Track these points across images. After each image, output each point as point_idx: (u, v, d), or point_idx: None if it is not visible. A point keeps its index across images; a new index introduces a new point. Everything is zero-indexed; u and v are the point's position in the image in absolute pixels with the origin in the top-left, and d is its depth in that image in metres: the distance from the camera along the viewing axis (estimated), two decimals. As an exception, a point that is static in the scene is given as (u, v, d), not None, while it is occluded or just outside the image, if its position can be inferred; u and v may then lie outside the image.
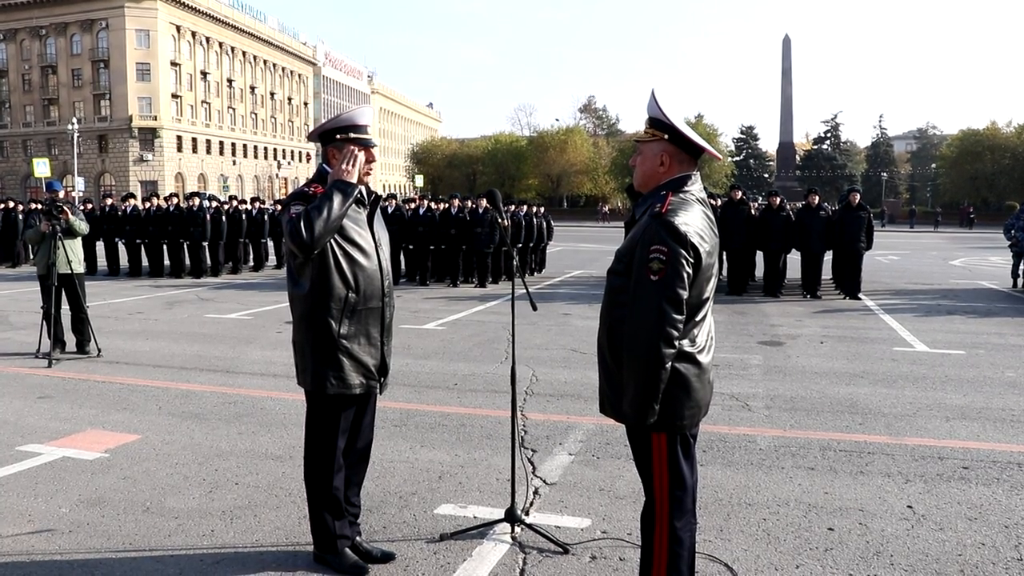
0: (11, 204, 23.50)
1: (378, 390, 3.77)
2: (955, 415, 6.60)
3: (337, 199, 3.40)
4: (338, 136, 3.61)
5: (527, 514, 4.38)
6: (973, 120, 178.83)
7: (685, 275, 2.73)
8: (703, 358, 2.91)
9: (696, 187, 2.97)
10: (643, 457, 3.01)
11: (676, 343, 2.77)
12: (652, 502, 3.03)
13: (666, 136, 2.95)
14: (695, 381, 2.89)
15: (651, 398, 2.79)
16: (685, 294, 2.74)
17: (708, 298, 2.92)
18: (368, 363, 3.64)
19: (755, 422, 6.40)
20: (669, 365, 2.78)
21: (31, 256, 20.48)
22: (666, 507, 2.99)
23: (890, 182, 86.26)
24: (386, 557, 3.87)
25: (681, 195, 2.89)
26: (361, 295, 3.57)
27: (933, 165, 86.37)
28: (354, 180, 3.49)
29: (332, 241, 3.47)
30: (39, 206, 14.81)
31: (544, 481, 5.01)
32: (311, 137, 3.87)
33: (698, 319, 2.88)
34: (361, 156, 3.57)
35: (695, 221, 2.83)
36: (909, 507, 4.58)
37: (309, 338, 3.58)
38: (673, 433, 2.94)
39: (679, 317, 2.74)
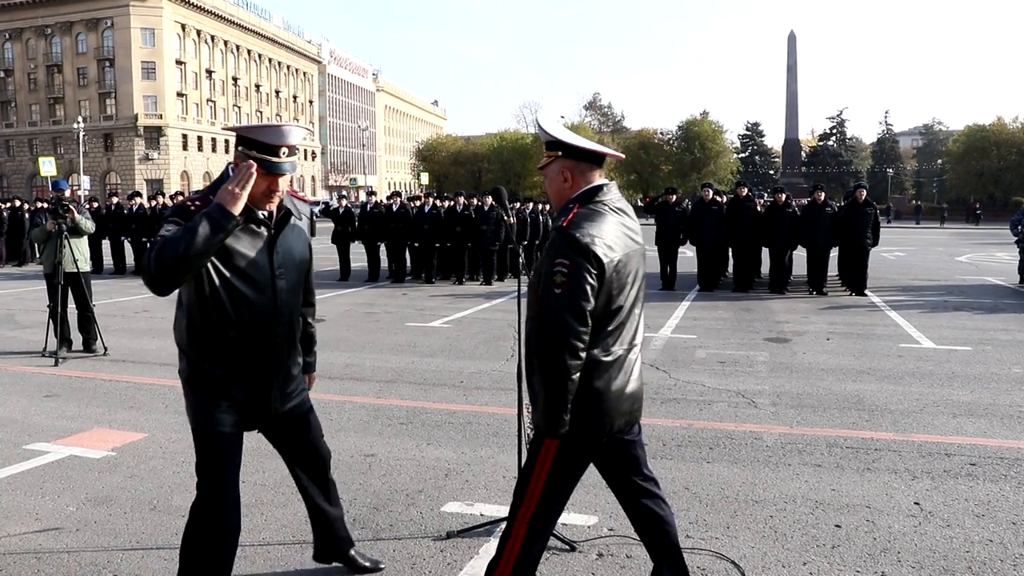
0: (17, 203, 23.59)
1: (256, 430, 3.27)
2: (962, 411, 6.58)
3: (203, 232, 2.74)
4: (240, 148, 3.01)
5: (533, 512, 4.37)
6: (979, 116, 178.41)
7: (588, 287, 2.73)
8: (616, 368, 2.90)
9: (611, 196, 2.95)
10: (531, 456, 2.99)
11: (582, 354, 2.76)
12: (519, 503, 2.99)
13: (560, 153, 2.97)
14: (604, 391, 2.87)
15: (560, 409, 2.78)
16: (589, 305, 2.74)
17: (623, 306, 2.89)
18: (249, 407, 3.12)
19: (761, 419, 6.39)
20: (576, 376, 2.77)
21: (37, 255, 20.50)
22: (532, 511, 2.96)
23: (896, 178, 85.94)
24: (374, 566, 3.76)
25: (591, 206, 2.89)
26: (245, 334, 3.03)
27: (939, 161, 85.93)
28: (236, 208, 2.81)
29: (211, 269, 2.93)
30: (45, 205, 14.84)
31: (550, 478, 4.99)
32: (229, 129, 3.34)
33: (611, 328, 2.87)
34: (261, 182, 2.96)
35: (605, 231, 2.82)
36: (916, 504, 4.57)
37: (185, 373, 3.11)
38: (566, 442, 2.90)
39: (583, 329, 2.74)
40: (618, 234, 2.87)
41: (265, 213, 3.05)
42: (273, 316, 3.08)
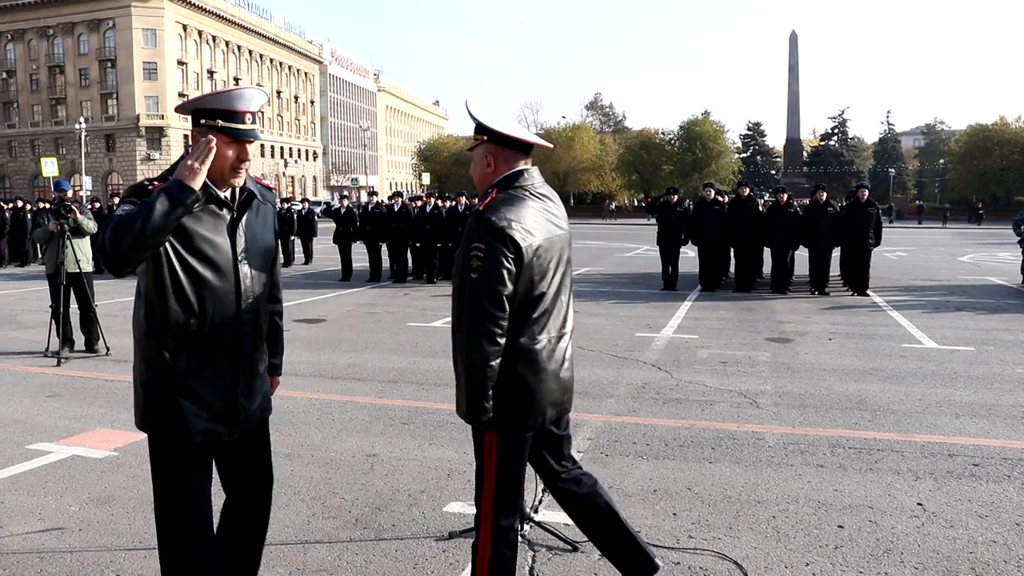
0: (19, 203, 23.62)
1: (226, 438, 2.90)
2: (965, 412, 6.58)
3: (160, 208, 2.56)
4: (202, 121, 2.78)
5: (536, 512, 4.37)
6: (982, 115, 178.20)
7: (505, 271, 2.72)
8: (544, 356, 2.89)
9: (532, 181, 2.95)
10: (477, 455, 3.00)
11: (499, 340, 2.75)
12: (479, 506, 3.00)
13: (486, 138, 2.97)
14: (533, 380, 2.87)
15: (480, 396, 2.77)
16: (506, 290, 2.73)
17: (547, 293, 2.88)
18: (214, 405, 2.84)
19: (763, 419, 6.38)
20: (495, 363, 2.77)
21: (39, 255, 20.51)
22: (491, 508, 2.96)
23: (898, 178, 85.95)
24: None
25: (511, 191, 2.89)
26: (207, 321, 2.80)
27: (941, 161, 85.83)
28: (195, 183, 2.64)
29: (170, 251, 2.73)
30: (47, 205, 14.85)
31: (552, 479, 4.99)
32: (179, 109, 2.94)
33: (536, 315, 2.86)
34: (226, 152, 2.78)
35: (524, 216, 2.82)
36: (919, 504, 4.56)
37: (140, 369, 2.87)
38: (505, 434, 2.91)
39: (500, 314, 2.73)
40: (539, 219, 2.87)
41: (227, 194, 2.87)
42: (236, 302, 2.86)
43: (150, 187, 2.73)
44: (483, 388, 2.77)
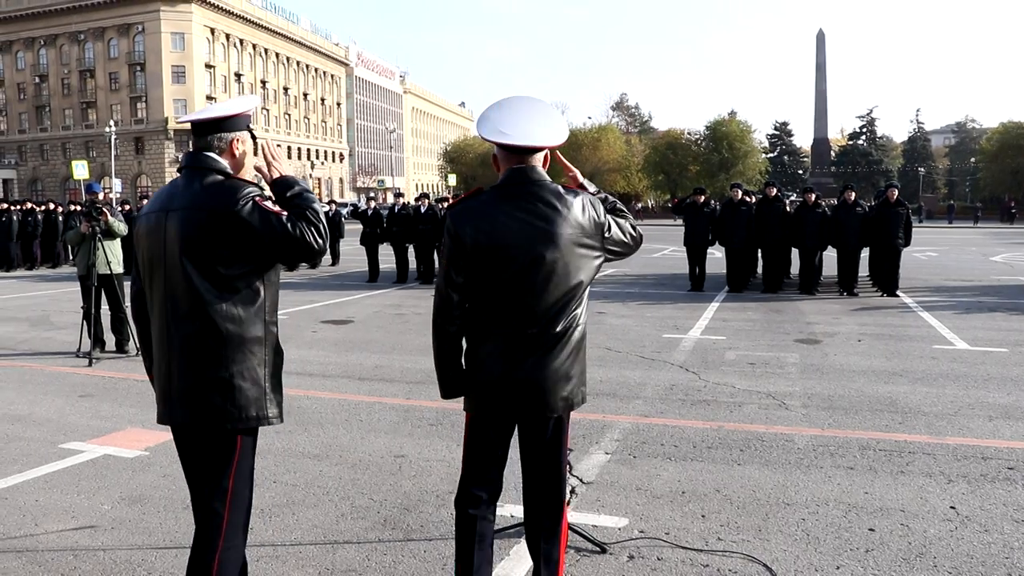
0: (51, 206, 23.93)
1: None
2: (999, 414, 6.48)
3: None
4: (250, 127, 3.00)
5: (564, 513, 4.36)
6: (1014, 112, 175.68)
7: (456, 264, 2.93)
8: (497, 351, 2.94)
9: (516, 180, 2.95)
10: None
11: (448, 327, 2.99)
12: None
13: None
14: (485, 372, 2.96)
15: (440, 374, 3.06)
16: (458, 280, 2.93)
17: (505, 289, 2.89)
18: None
19: (792, 421, 6.33)
20: (447, 346, 3.02)
21: (71, 257, 20.80)
22: (461, 475, 3.13)
23: (927, 177, 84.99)
24: None
25: (491, 190, 3.01)
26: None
27: (972, 159, 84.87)
28: None
29: None
30: (78, 208, 15.03)
31: (581, 480, 4.99)
32: (243, 125, 2.97)
33: (492, 310, 2.93)
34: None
35: (486, 213, 2.91)
36: (952, 508, 4.51)
37: (269, 360, 2.87)
38: (471, 418, 3.08)
39: (450, 302, 2.96)
40: (504, 218, 2.89)
41: None
42: None
43: (262, 190, 2.85)
44: (442, 367, 3.06)
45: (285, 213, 2.77)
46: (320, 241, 2.78)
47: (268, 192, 2.85)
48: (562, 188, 2.99)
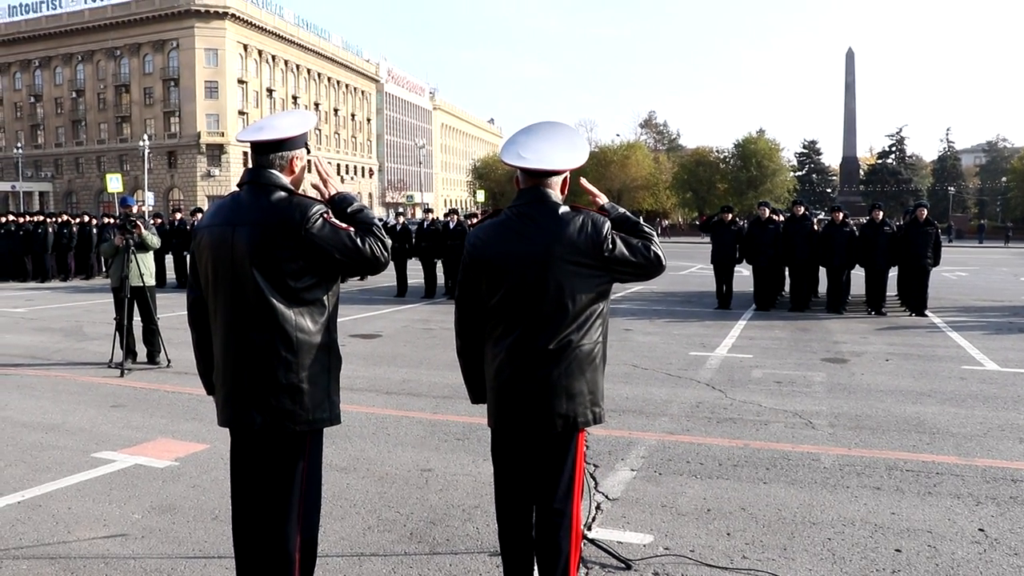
0: (85, 218, 24.33)
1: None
2: (1029, 436, 6.41)
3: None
4: (308, 145, 3.14)
5: (589, 529, 4.38)
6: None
7: (468, 280, 3.13)
8: (500, 362, 3.07)
9: (521, 201, 3.08)
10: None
11: (462, 338, 3.24)
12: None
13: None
14: (492, 383, 3.13)
15: (465, 381, 3.34)
16: (470, 295, 3.13)
17: (508, 304, 3.02)
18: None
19: (819, 440, 6.30)
20: (463, 356, 3.28)
21: (104, 269, 21.12)
22: (495, 494, 3.29)
23: (958, 196, 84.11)
24: None
25: (505, 209, 3.16)
26: None
27: (1003, 179, 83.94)
28: None
29: None
30: (112, 220, 15.27)
31: (606, 496, 5.00)
32: (301, 144, 3.08)
33: (497, 323, 3.08)
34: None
35: (495, 232, 3.07)
36: (981, 530, 4.47)
37: (332, 365, 3.17)
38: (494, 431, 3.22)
39: (463, 315, 3.20)
40: (506, 237, 3.04)
41: None
42: None
43: (323, 202, 3.01)
44: (464, 375, 3.33)
45: (352, 229, 2.94)
46: (386, 254, 3.02)
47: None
48: (566, 208, 3.04)
